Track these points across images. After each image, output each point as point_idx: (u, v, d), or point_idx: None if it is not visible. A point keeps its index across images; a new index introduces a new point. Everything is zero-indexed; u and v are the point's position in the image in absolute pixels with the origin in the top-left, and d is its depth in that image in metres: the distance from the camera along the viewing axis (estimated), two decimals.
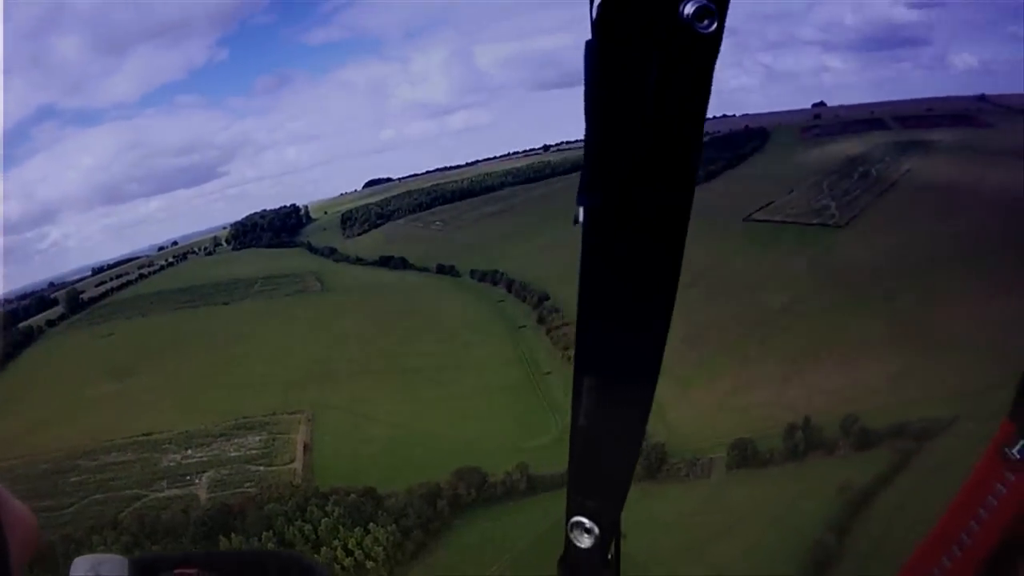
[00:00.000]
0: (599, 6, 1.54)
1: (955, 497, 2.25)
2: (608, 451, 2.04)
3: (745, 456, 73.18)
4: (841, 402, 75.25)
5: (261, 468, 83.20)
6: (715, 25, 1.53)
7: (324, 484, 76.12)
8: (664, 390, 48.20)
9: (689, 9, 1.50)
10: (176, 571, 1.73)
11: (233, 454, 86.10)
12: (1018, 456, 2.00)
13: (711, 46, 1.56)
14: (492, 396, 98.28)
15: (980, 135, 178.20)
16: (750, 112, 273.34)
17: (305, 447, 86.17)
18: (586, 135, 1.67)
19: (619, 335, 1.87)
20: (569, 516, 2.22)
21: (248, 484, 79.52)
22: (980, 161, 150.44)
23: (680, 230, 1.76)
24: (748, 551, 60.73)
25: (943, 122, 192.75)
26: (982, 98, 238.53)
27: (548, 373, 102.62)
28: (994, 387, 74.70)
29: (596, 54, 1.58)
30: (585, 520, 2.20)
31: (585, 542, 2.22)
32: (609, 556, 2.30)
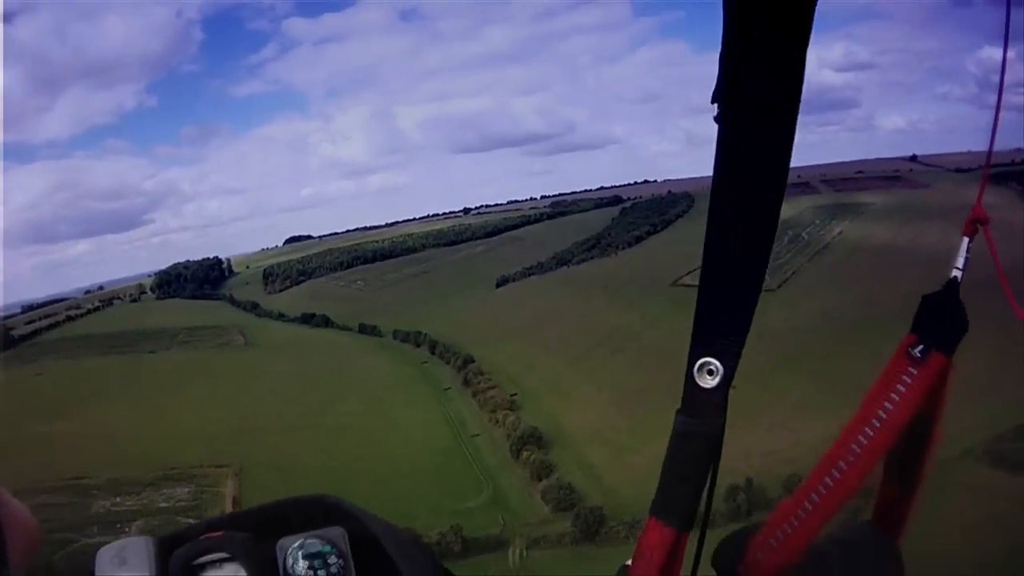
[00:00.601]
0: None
1: (866, 394, 2.27)
2: (736, 292, 2.04)
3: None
4: (781, 463, 76.03)
5: (191, 520, 78.45)
6: None
7: None
8: (598, 455, 48.91)
9: None
10: (203, 537, 1.79)
11: (162, 504, 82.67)
12: (919, 355, 2.15)
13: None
14: (420, 457, 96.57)
15: (913, 195, 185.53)
16: (672, 178, 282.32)
17: (234, 500, 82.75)
18: (722, 46, 1.86)
19: (747, 203, 1.97)
20: (694, 359, 2.09)
21: None
22: (914, 221, 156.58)
23: (791, 114, 1.89)
24: None
25: (874, 184, 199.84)
26: (913, 159, 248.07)
27: (476, 435, 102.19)
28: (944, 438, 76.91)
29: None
30: (712, 360, 2.08)
31: (710, 382, 2.10)
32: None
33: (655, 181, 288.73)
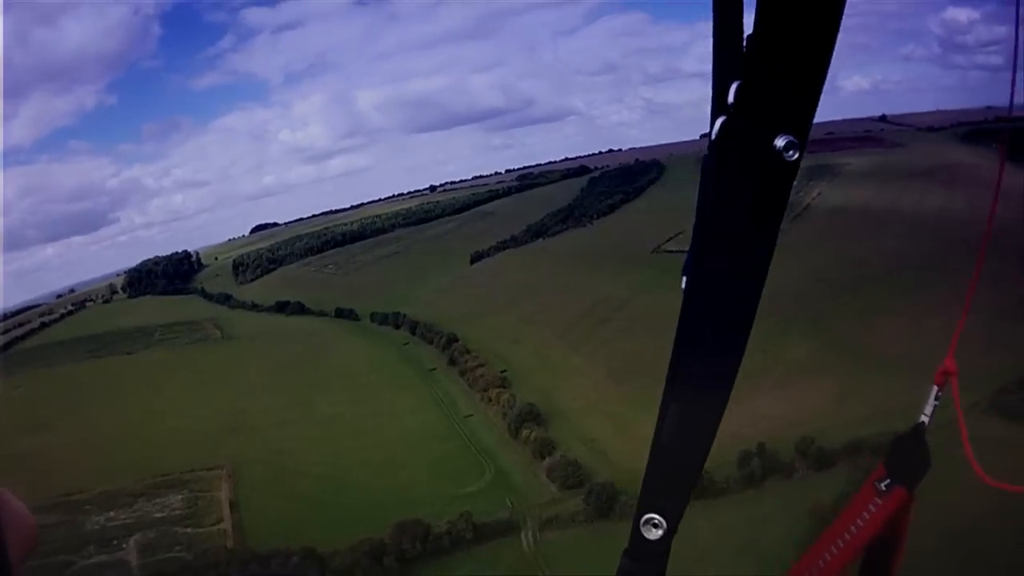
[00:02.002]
0: (716, 134, 2.10)
1: (836, 518, 2.98)
2: (684, 461, 2.49)
3: (700, 487, 70.24)
4: (788, 426, 73.72)
5: (189, 530, 75.66)
6: (797, 155, 2.02)
7: (259, 546, 69.30)
8: (599, 428, 45.33)
9: (780, 143, 2.00)
10: None
11: (157, 515, 78.32)
12: (884, 488, 2.93)
13: (792, 170, 2.06)
14: (415, 443, 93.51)
15: (889, 155, 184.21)
16: (636, 146, 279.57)
17: (231, 505, 79.14)
18: (695, 228, 2.26)
19: (701, 379, 2.33)
20: (641, 513, 2.64)
21: (178, 548, 72.15)
22: (893, 181, 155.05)
23: (752, 306, 2.25)
24: None
25: (847, 144, 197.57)
26: (883, 119, 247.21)
27: (469, 416, 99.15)
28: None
29: (710, 167, 2.16)
30: (656, 516, 2.62)
31: (654, 535, 2.64)
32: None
33: (620, 150, 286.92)
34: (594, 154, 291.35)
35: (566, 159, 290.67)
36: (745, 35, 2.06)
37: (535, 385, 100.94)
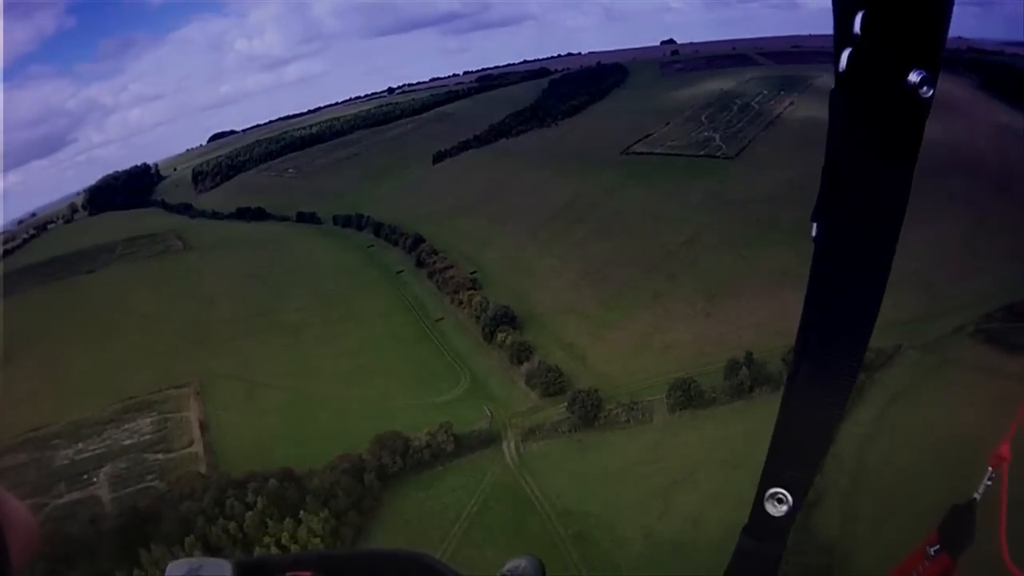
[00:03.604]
0: (844, 67, 1.93)
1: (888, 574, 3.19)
2: (815, 429, 2.29)
3: (688, 396, 66.71)
4: (774, 334, 70.55)
5: (160, 456, 71.29)
6: (931, 92, 1.91)
7: (233, 469, 65.06)
8: (576, 332, 40.25)
9: (914, 78, 1.88)
10: (288, 574, 1.81)
11: (127, 442, 73.52)
12: (933, 554, 3.16)
13: (926, 107, 1.93)
14: (386, 349, 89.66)
15: None
16: (596, 50, 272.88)
17: (201, 426, 74.69)
18: (824, 169, 2.05)
19: (835, 337, 2.17)
20: (765, 487, 2.43)
21: (150, 476, 68.00)
22: None
23: (888, 255, 2.07)
24: (717, 496, 54.94)
25: (817, 58, 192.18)
26: None
27: (440, 319, 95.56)
28: (926, 316, 72.70)
29: (839, 103, 1.97)
30: (781, 490, 2.41)
31: (778, 510, 2.43)
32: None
33: (580, 54, 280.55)
34: (553, 57, 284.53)
35: (525, 62, 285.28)
36: None
37: (508, 287, 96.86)
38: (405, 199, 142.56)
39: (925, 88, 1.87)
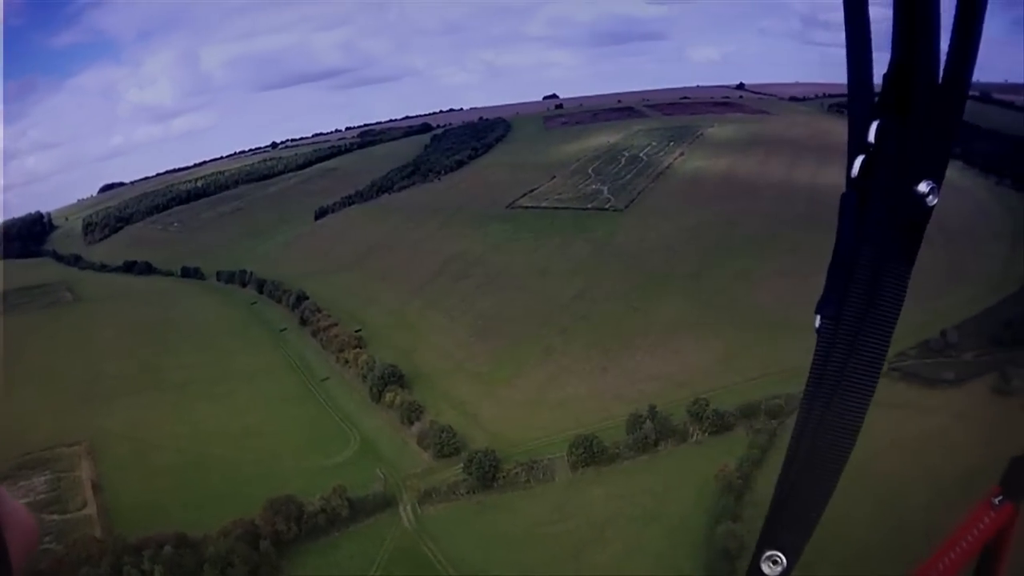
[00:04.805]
0: (857, 172, 2.13)
1: (955, 529, 3.18)
2: (811, 498, 2.39)
3: (591, 453, 63.77)
4: (676, 386, 69.00)
5: (56, 517, 65.97)
6: (936, 200, 2.08)
7: (128, 531, 60.36)
8: (466, 390, 33.16)
9: (923, 188, 2.07)
10: None
11: (22, 500, 64.64)
12: (997, 504, 3.20)
13: (930, 214, 2.10)
14: (273, 409, 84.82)
15: (752, 122, 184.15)
16: (479, 106, 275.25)
17: (94, 487, 70.13)
18: (831, 265, 2.22)
19: (833, 422, 2.27)
20: (762, 549, 2.51)
21: (48, 538, 61.80)
22: (759, 146, 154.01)
23: (885, 347, 2.20)
24: (631, 553, 52.51)
25: (706, 109, 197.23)
26: (740, 87, 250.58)
27: (326, 379, 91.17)
28: None
29: (851, 205, 2.17)
30: (777, 553, 2.49)
31: (773, 571, 2.51)
32: None
33: (462, 109, 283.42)
34: (435, 112, 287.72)
35: (407, 117, 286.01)
36: (877, 69, 2.09)
37: (394, 345, 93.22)
38: (288, 255, 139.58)
39: (931, 197, 2.06)
